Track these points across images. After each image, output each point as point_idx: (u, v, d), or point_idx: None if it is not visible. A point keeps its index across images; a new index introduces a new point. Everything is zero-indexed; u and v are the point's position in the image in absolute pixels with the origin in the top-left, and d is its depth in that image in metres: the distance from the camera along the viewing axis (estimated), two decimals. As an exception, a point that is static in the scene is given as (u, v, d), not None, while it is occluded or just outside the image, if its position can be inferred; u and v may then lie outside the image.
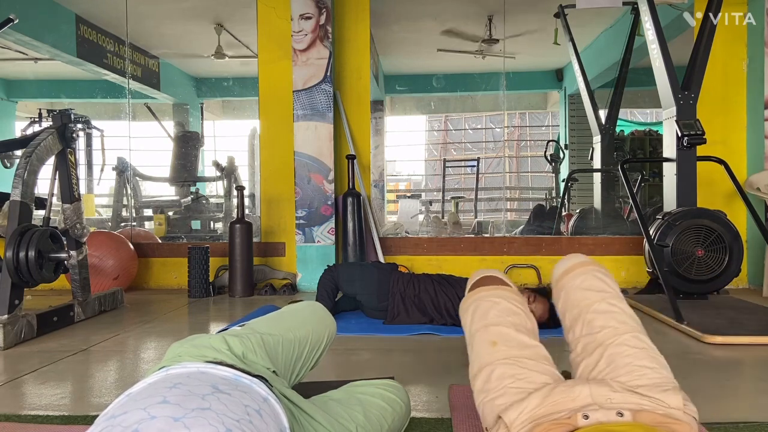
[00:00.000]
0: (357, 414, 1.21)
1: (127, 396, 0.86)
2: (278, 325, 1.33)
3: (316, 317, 1.48)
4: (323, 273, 3.06)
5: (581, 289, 1.33)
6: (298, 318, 1.43)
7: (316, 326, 1.42)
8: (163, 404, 0.79)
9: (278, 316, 1.43)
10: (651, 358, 1.18)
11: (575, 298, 1.33)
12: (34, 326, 2.67)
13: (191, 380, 0.88)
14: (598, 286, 1.32)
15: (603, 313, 1.26)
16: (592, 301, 1.29)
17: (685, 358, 2.25)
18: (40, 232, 2.66)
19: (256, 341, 1.14)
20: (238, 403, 0.84)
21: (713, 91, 4.11)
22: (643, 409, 1.02)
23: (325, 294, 2.96)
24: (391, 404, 1.34)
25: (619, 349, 1.18)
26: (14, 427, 1.56)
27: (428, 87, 7.17)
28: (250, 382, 0.94)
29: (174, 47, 6.53)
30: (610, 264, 4.20)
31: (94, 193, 6.39)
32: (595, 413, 1.01)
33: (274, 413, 0.91)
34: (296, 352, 1.31)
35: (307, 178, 4.08)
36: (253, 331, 1.20)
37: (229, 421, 0.78)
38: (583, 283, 1.34)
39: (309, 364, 1.39)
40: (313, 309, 1.52)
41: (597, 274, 1.36)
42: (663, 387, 1.08)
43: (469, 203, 7.13)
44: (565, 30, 5.01)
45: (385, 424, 1.28)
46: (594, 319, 1.26)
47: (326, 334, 1.46)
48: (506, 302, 1.33)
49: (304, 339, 1.34)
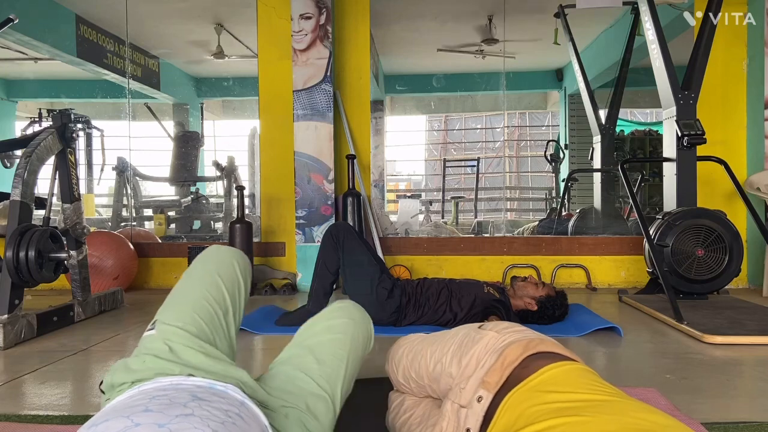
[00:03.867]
0: (310, 365, 1.17)
1: (106, 408, 0.86)
2: (182, 300, 1.20)
3: (212, 265, 1.28)
4: (325, 237, 2.87)
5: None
6: (196, 275, 1.26)
7: (219, 272, 1.26)
8: (147, 412, 0.79)
9: (178, 289, 1.25)
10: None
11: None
12: (34, 326, 2.67)
13: (168, 392, 0.89)
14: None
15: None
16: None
17: (685, 358, 2.25)
18: (40, 232, 2.66)
19: (182, 338, 1.07)
20: (218, 407, 0.85)
21: (713, 91, 4.11)
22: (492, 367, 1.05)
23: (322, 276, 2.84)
24: (342, 330, 1.27)
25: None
26: (14, 427, 1.56)
27: (428, 87, 7.17)
28: (224, 388, 0.95)
29: (174, 47, 6.52)
30: (610, 264, 4.21)
31: (94, 193, 6.39)
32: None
33: (253, 414, 0.92)
34: (214, 310, 1.18)
35: (307, 178, 4.08)
36: (168, 326, 1.11)
37: (213, 424, 0.79)
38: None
39: (239, 308, 1.27)
40: (204, 259, 1.32)
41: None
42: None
43: (469, 203, 7.13)
44: (565, 30, 5.01)
45: (342, 353, 1.22)
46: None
47: (237, 270, 1.30)
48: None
49: (215, 293, 1.21)
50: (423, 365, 1.27)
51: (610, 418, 0.78)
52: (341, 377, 1.18)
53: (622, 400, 0.85)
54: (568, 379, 0.92)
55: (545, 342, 1.08)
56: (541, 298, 2.74)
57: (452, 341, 1.21)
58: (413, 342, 1.41)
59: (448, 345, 1.21)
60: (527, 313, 2.74)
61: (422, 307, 2.76)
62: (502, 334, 1.13)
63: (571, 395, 0.87)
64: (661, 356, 2.32)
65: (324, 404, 1.12)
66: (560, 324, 2.77)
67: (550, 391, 0.90)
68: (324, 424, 1.11)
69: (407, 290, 2.80)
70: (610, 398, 0.85)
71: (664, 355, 2.34)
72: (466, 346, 1.15)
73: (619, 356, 2.35)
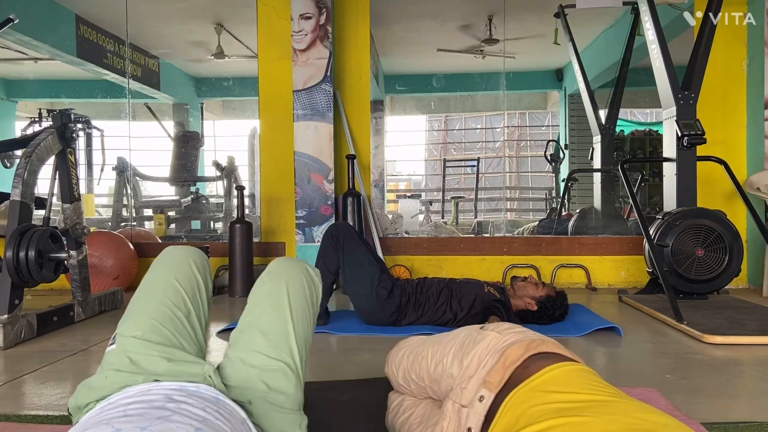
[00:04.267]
0: (256, 339, 1.14)
1: (79, 423, 0.85)
2: (141, 309, 1.17)
3: (168, 269, 1.26)
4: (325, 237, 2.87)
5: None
6: (153, 282, 1.24)
7: (176, 274, 1.24)
8: (126, 417, 0.79)
9: (135, 298, 1.23)
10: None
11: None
12: (34, 326, 2.67)
13: (141, 398, 0.88)
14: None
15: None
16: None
17: (685, 358, 2.25)
18: (40, 232, 2.66)
19: (142, 347, 1.06)
20: (196, 407, 0.86)
21: (713, 91, 4.11)
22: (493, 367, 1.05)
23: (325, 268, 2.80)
24: (275, 292, 1.23)
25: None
26: (14, 427, 1.56)
27: (428, 87, 7.17)
28: (196, 388, 0.95)
29: (174, 47, 6.52)
30: (610, 264, 4.21)
31: (94, 193, 6.39)
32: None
33: (230, 409, 0.93)
34: (175, 315, 1.17)
35: (307, 178, 4.08)
36: (128, 338, 1.09)
37: (196, 423, 0.79)
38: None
39: (203, 307, 1.26)
40: (160, 263, 1.29)
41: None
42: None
43: (469, 203, 7.13)
44: (565, 30, 5.01)
45: (283, 314, 1.19)
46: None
47: (194, 270, 1.27)
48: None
49: (174, 297, 1.19)
50: (424, 366, 1.27)
51: (611, 418, 0.78)
52: (291, 336, 1.15)
53: (623, 400, 0.85)
54: (570, 380, 0.93)
55: (546, 343, 1.08)
56: (541, 298, 2.74)
57: (453, 342, 1.21)
58: (414, 344, 1.41)
59: (449, 346, 1.21)
60: (527, 313, 2.74)
61: (422, 307, 2.76)
62: (504, 334, 1.13)
63: (572, 395, 0.87)
64: (661, 356, 2.32)
65: (281, 374, 1.10)
66: (560, 324, 2.77)
67: (552, 391, 0.90)
68: (290, 394, 1.09)
69: (407, 290, 2.79)
70: (610, 399, 0.85)
71: (664, 355, 2.34)
72: (467, 346, 1.16)
73: (619, 356, 2.35)
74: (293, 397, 1.10)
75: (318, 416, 1.57)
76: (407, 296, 2.77)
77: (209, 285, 1.29)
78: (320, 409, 1.62)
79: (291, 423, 1.08)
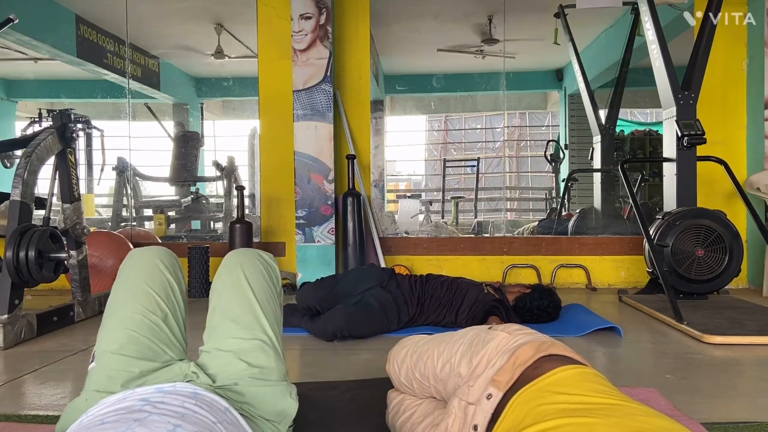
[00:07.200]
0: (228, 327, 1.17)
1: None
2: (115, 321, 1.18)
3: (136, 274, 1.24)
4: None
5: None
6: (123, 290, 1.22)
7: (145, 279, 1.22)
8: (102, 425, 0.79)
9: (108, 310, 1.23)
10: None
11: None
12: (34, 326, 2.67)
13: (119, 405, 0.89)
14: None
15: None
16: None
17: (685, 358, 2.25)
18: (40, 232, 2.66)
19: (121, 363, 1.08)
20: (173, 404, 0.87)
21: (713, 91, 4.11)
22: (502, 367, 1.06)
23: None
24: (233, 283, 1.25)
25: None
26: (14, 427, 1.56)
27: (428, 87, 7.17)
28: (172, 386, 0.96)
29: (174, 47, 6.52)
30: (610, 264, 4.21)
31: (94, 193, 6.39)
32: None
33: (210, 400, 0.94)
34: (151, 321, 1.16)
35: (307, 178, 4.08)
36: (106, 354, 1.11)
37: (174, 420, 0.80)
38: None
39: (179, 306, 1.25)
40: (127, 269, 1.27)
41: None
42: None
43: (469, 203, 7.13)
44: (565, 30, 5.01)
45: (247, 299, 1.21)
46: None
47: (162, 270, 1.25)
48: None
49: (147, 303, 1.18)
50: (429, 365, 1.27)
51: (616, 420, 0.79)
52: (260, 315, 1.20)
53: (630, 404, 0.86)
54: (578, 382, 0.93)
55: (557, 345, 1.09)
56: (533, 285, 2.94)
57: (461, 341, 1.21)
58: (417, 343, 1.41)
59: (457, 345, 1.21)
60: (524, 309, 2.78)
61: (423, 305, 2.78)
62: (514, 335, 1.13)
63: (579, 397, 0.88)
64: (661, 356, 2.32)
65: (260, 351, 1.15)
66: (560, 324, 2.78)
67: (559, 392, 0.90)
68: (271, 367, 1.15)
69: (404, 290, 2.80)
70: (617, 402, 0.86)
71: (664, 355, 2.34)
72: (476, 346, 1.15)
73: (619, 356, 2.35)
74: (276, 369, 1.15)
75: (318, 416, 1.57)
76: (405, 296, 2.79)
77: (182, 282, 1.29)
78: (320, 409, 1.62)
79: (281, 393, 1.14)
